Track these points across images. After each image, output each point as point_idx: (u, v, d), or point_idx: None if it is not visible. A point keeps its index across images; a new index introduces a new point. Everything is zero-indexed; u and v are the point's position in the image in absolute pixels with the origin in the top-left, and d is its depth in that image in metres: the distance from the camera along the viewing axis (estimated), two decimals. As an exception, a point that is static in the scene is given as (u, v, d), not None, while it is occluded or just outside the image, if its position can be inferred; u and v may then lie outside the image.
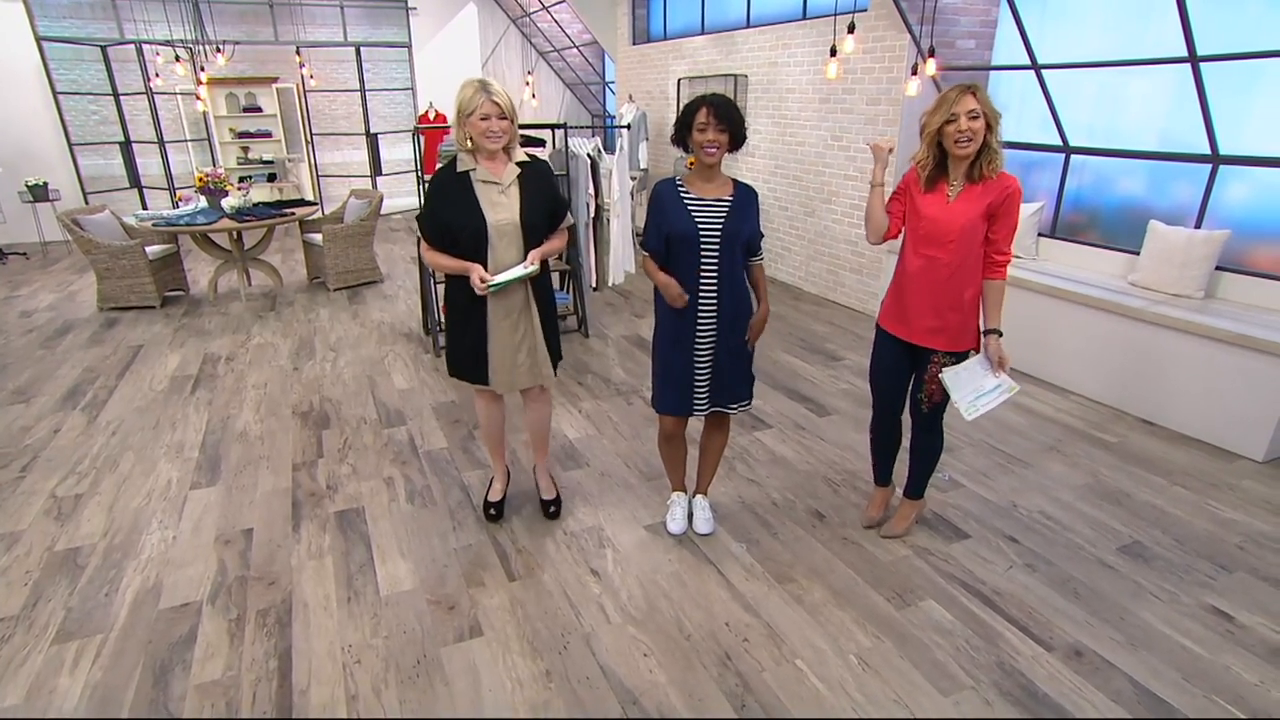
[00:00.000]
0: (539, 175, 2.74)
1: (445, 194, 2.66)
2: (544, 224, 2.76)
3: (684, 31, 8.00)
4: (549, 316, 2.90)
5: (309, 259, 6.97)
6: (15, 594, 2.70)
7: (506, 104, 2.56)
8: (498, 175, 2.67)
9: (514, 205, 2.66)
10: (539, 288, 2.84)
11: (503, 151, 2.66)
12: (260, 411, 4.20)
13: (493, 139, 2.58)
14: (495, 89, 2.56)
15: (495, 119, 2.55)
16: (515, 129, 2.63)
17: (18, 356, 5.18)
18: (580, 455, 3.70)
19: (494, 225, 2.66)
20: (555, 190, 2.82)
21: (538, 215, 2.71)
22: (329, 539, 3.01)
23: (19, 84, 8.77)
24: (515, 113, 2.61)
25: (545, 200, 2.74)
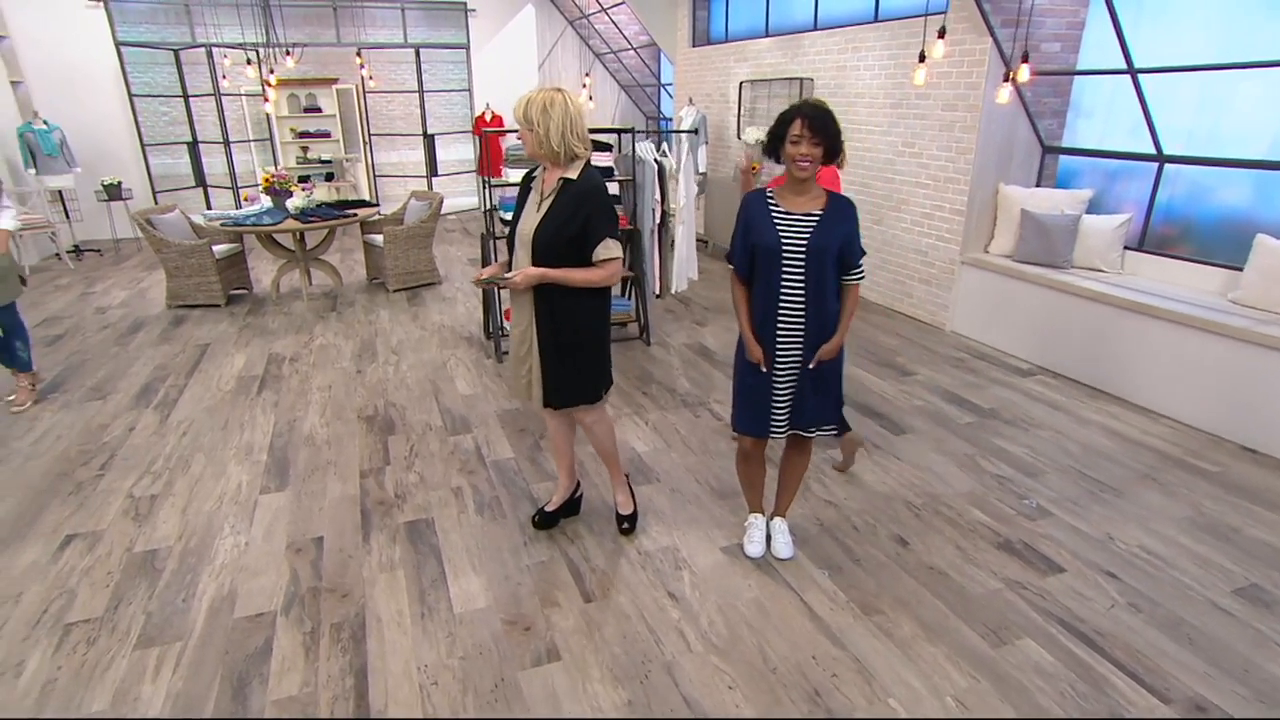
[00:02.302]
0: (575, 196, 2.53)
1: (519, 195, 2.75)
2: (560, 246, 2.54)
3: (747, 34, 7.86)
4: (554, 349, 2.69)
5: (369, 259, 7.01)
6: (99, 595, 2.72)
7: (519, 115, 2.51)
8: (545, 185, 2.64)
9: (540, 217, 2.58)
10: (549, 316, 2.65)
11: (556, 163, 2.57)
12: (326, 415, 4.20)
13: (527, 149, 2.58)
14: (520, 101, 2.51)
15: (522, 130, 2.56)
16: (539, 139, 2.49)
17: (94, 353, 5.29)
18: (649, 470, 3.61)
19: (520, 232, 2.67)
20: (590, 216, 2.53)
21: (551, 233, 2.54)
22: (400, 551, 2.97)
23: (98, 88, 9.04)
24: (534, 123, 2.47)
25: (569, 222, 2.52)
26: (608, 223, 2.56)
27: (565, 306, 2.65)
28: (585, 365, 2.76)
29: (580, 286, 2.60)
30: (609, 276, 2.61)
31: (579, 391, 2.80)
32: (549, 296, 2.64)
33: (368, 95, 10.27)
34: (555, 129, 2.46)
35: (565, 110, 2.46)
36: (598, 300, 2.70)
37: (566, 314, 2.67)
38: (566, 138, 2.47)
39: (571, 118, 2.47)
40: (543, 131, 2.47)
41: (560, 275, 2.57)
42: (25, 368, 4.39)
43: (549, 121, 2.45)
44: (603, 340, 2.80)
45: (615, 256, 2.58)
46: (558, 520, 3.14)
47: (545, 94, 2.48)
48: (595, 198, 2.55)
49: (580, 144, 2.52)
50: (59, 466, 3.67)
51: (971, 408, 4.34)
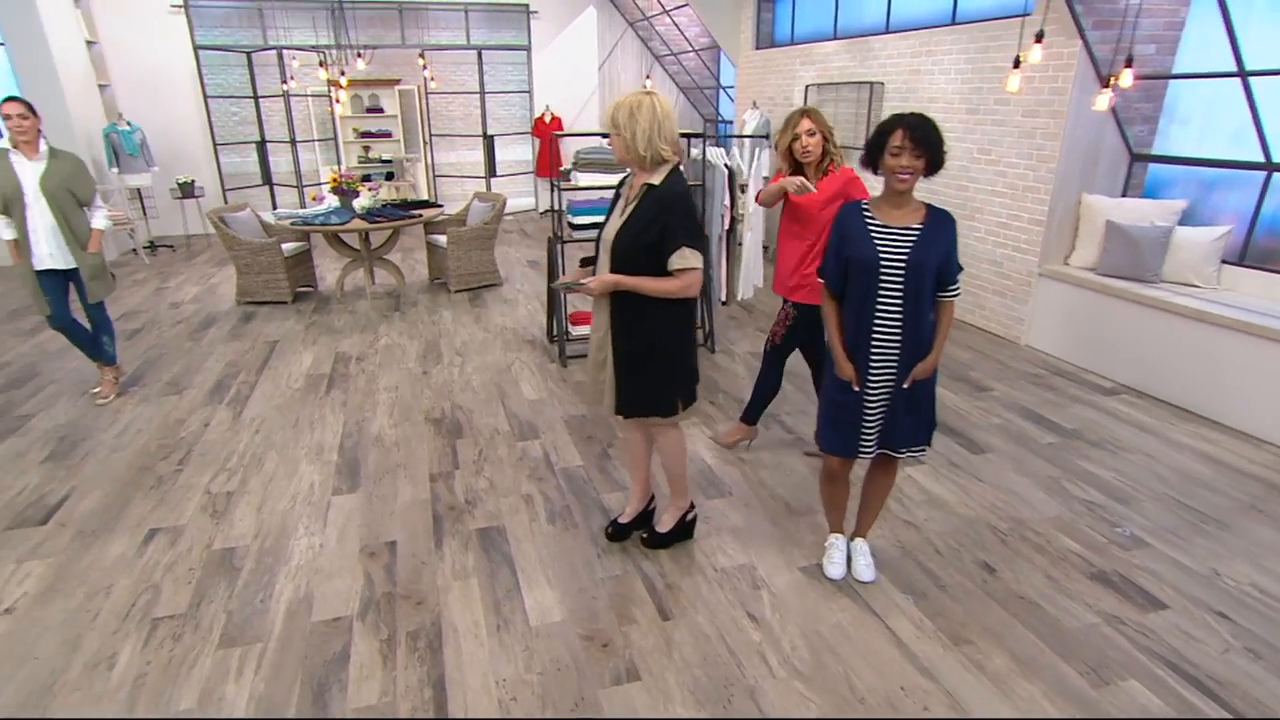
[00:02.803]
0: (656, 202, 2.47)
1: (612, 198, 2.74)
2: (638, 253, 2.49)
3: (813, 36, 7.72)
4: (628, 357, 2.65)
5: (431, 260, 7.07)
6: (181, 591, 2.75)
7: (608, 120, 2.50)
8: (631, 190, 2.61)
9: (621, 222, 2.55)
10: (624, 324, 2.61)
11: (643, 167, 2.52)
12: (394, 416, 4.22)
13: (615, 154, 2.56)
14: (609, 106, 2.51)
15: (611, 135, 2.51)
16: (626, 144, 2.45)
17: (170, 348, 5.43)
18: (720, 483, 3.54)
19: (603, 237, 2.66)
20: (668, 224, 2.45)
21: (629, 240, 2.50)
22: (472, 559, 2.95)
23: (176, 90, 9.34)
24: (621, 127, 2.44)
25: (647, 229, 2.47)
26: (687, 231, 2.47)
27: (641, 315, 2.60)
28: (659, 376, 2.69)
29: (655, 295, 2.54)
30: (684, 287, 2.51)
31: (651, 403, 2.74)
32: (625, 304, 2.60)
33: (429, 96, 10.40)
34: (642, 133, 2.41)
35: (653, 113, 2.41)
36: (676, 311, 2.62)
37: (642, 323, 2.61)
38: (654, 141, 2.42)
39: (659, 121, 2.42)
40: (629, 135, 2.42)
41: (634, 283, 2.51)
42: (110, 361, 4.52)
43: (636, 125, 2.41)
44: (680, 353, 2.71)
45: (692, 267, 2.48)
46: (630, 533, 3.09)
47: (634, 97, 2.45)
48: (676, 205, 2.47)
49: (668, 148, 2.46)
50: (140, 460, 3.75)
51: (1052, 427, 4.15)
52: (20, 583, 2.82)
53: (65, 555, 2.98)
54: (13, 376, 4.89)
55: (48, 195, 3.97)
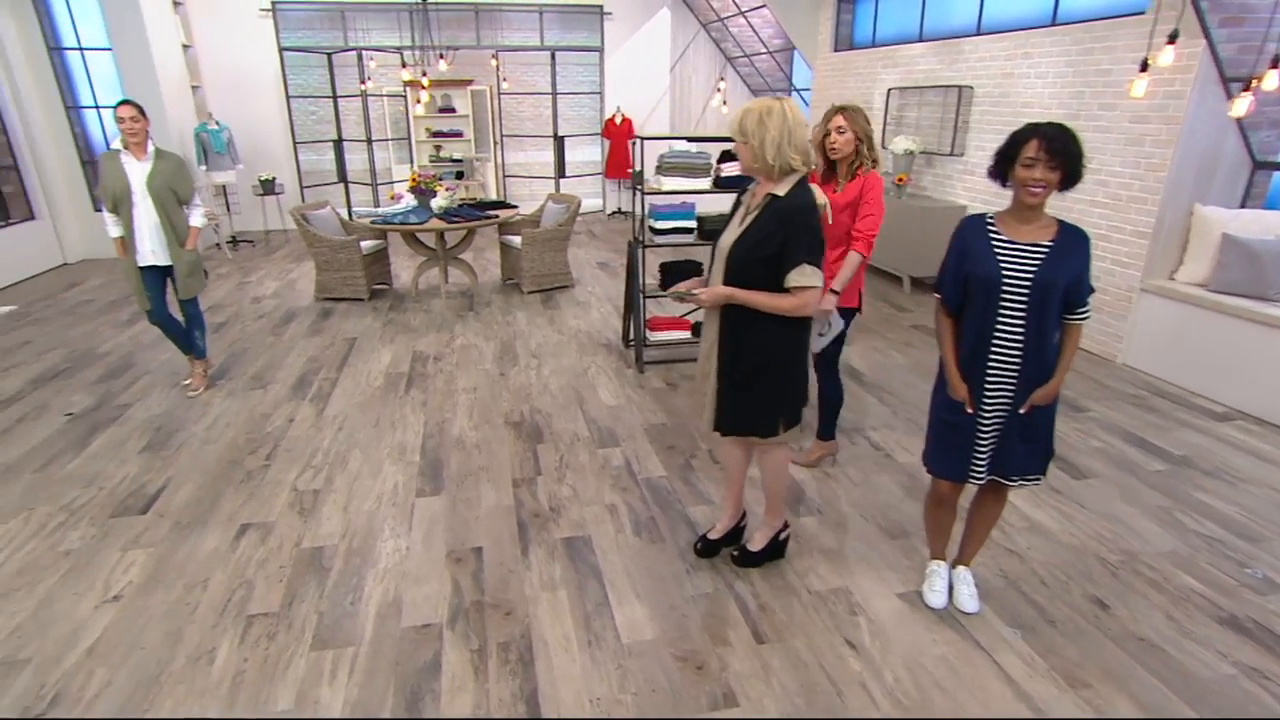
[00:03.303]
0: (777, 214, 2.37)
1: (732, 205, 2.67)
2: (754, 266, 2.40)
3: (896, 38, 7.50)
4: (732, 373, 2.56)
5: (505, 260, 7.10)
6: (274, 589, 2.77)
7: (735, 128, 2.42)
8: (754, 199, 2.51)
9: (739, 232, 2.46)
10: (732, 339, 2.52)
11: (770, 177, 2.42)
12: (474, 418, 4.22)
13: (741, 163, 2.48)
14: (737, 112, 2.42)
15: (737, 143, 2.43)
16: (753, 152, 2.36)
17: (253, 342, 5.56)
18: (810, 501, 3.42)
19: (719, 245, 2.58)
20: (789, 238, 2.34)
21: (746, 251, 2.42)
22: (560, 569, 2.90)
23: (260, 90, 9.62)
24: (749, 135, 2.36)
25: (765, 241, 2.37)
26: (808, 248, 2.35)
27: (751, 331, 2.50)
28: (764, 396, 2.58)
29: (768, 312, 2.44)
30: (800, 306, 2.39)
31: (752, 422, 2.64)
32: (735, 318, 2.51)
33: (501, 96, 10.48)
34: (771, 141, 2.32)
35: (784, 120, 2.32)
36: (790, 330, 2.50)
37: (751, 339, 2.52)
38: (783, 150, 2.33)
39: (790, 128, 2.32)
40: (757, 143, 2.34)
41: (746, 297, 2.42)
42: (201, 355, 4.63)
43: (765, 133, 2.32)
44: (789, 373, 2.59)
45: (810, 285, 2.36)
46: (720, 549, 3.00)
47: (763, 103, 2.36)
48: (799, 218, 2.36)
49: (798, 157, 2.36)
50: (230, 454, 3.83)
51: (1159, 453, 3.91)
52: (125, 571, 2.88)
53: (164, 546, 3.05)
54: (112, 366, 5.07)
55: (153, 194, 4.09)
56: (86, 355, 5.31)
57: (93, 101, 8.43)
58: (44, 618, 2.64)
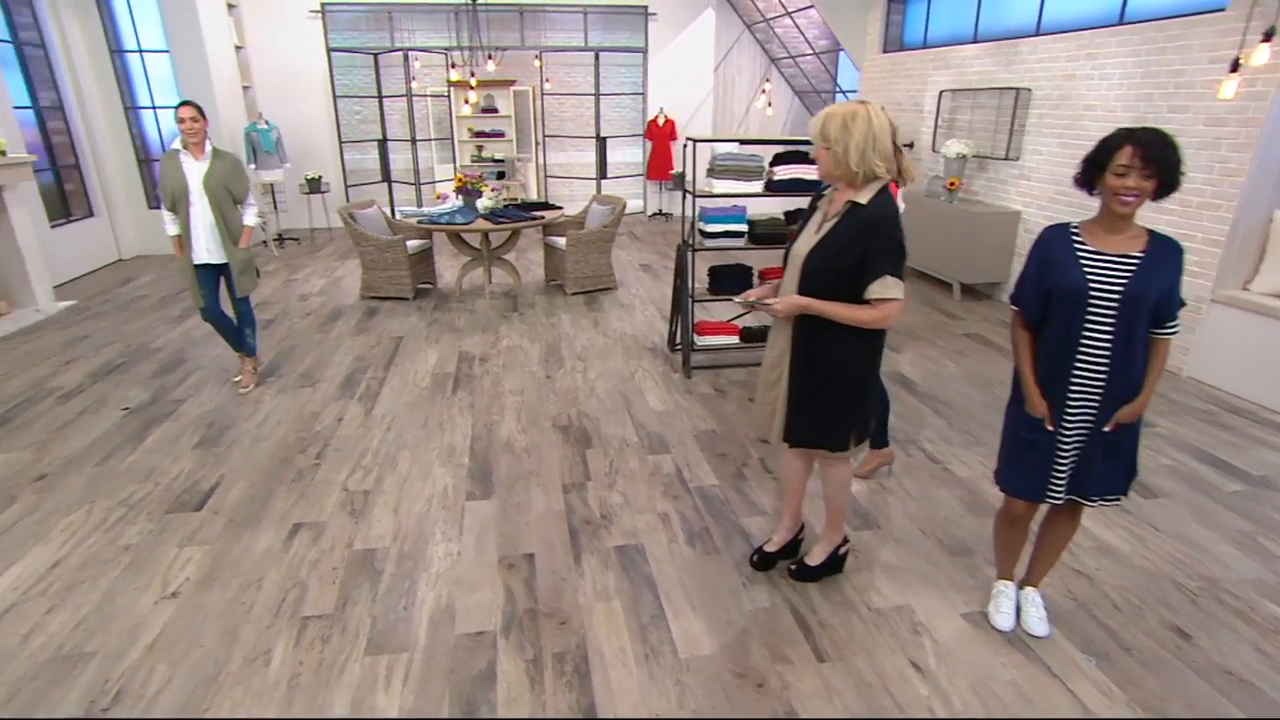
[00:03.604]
0: (859, 224, 2.28)
1: (806, 211, 2.57)
2: (831, 276, 2.33)
3: (949, 39, 7.33)
4: (804, 385, 2.49)
5: (548, 261, 7.09)
6: (327, 591, 2.77)
7: (816, 132, 2.33)
8: (832, 206, 2.42)
9: (816, 240, 2.38)
10: (805, 350, 2.46)
11: (852, 184, 2.34)
12: (521, 421, 4.19)
13: (820, 169, 2.38)
14: (818, 117, 2.33)
15: (818, 149, 2.34)
16: (836, 158, 2.28)
17: (301, 339, 5.61)
18: (867, 514, 3.32)
19: (793, 253, 2.50)
20: (871, 250, 2.26)
21: (823, 261, 2.34)
22: (613, 579, 2.85)
23: (308, 90, 9.77)
24: (832, 140, 2.27)
25: (845, 252, 2.29)
26: (891, 258, 2.27)
27: (825, 342, 2.43)
28: (836, 409, 2.51)
29: (845, 324, 2.36)
30: (881, 318, 2.31)
31: (823, 435, 2.56)
32: (809, 328, 2.44)
33: (544, 98, 10.50)
34: (855, 147, 2.24)
35: (868, 125, 2.24)
36: (865, 342, 2.42)
37: (825, 351, 2.44)
38: (867, 156, 2.25)
39: (875, 134, 2.24)
40: (841, 150, 2.26)
41: (824, 308, 2.35)
42: (251, 352, 4.68)
43: (849, 138, 2.24)
44: (863, 386, 2.51)
45: (894, 298, 2.28)
46: (776, 562, 2.92)
47: (847, 108, 2.27)
48: (881, 228, 2.27)
49: (882, 163, 2.28)
50: (280, 452, 3.85)
51: (1235, 472, 3.73)
52: (182, 567, 2.90)
53: (219, 543, 3.06)
54: (165, 362, 5.15)
55: (209, 193, 4.14)
56: (141, 350, 5.40)
57: (150, 102, 8.62)
58: (107, 611, 2.66)
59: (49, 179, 7.56)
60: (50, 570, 2.90)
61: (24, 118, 7.11)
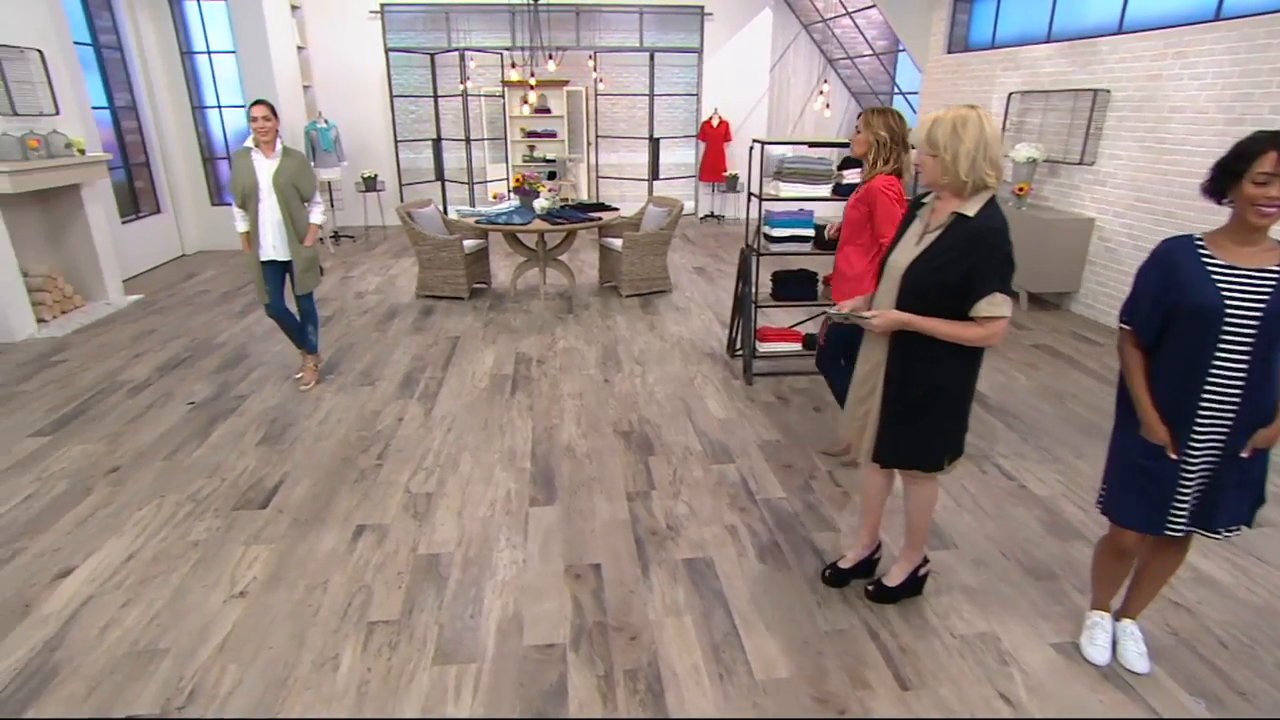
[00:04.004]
0: (965, 237, 2.16)
1: (903, 219, 2.46)
2: (931, 291, 2.22)
3: (1019, 39, 7.09)
4: (898, 403, 2.39)
5: (603, 263, 7.05)
6: (393, 595, 2.74)
7: (922, 138, 2.22)
8: (935, 216, 2.30)
9: (918, 252, 2.27)
10: (901, 367, 2.35)
11: (959, 194, 2.21)
12: (581, 425, 4.14)
13: (924, 177, 2.27)
14: (924, 122, 2.22)
15: (923, 155, 2.24)
16: (944, 166, 2.16)
17: (359, 337, 5.65)
18: (943, 532, 3.18)
19: (890, 263, 2.38)
20: (978, 266, 2.14)
21: (923, 274, 2.23)
22: (683, 593, 2.77)
23: (367, 89, 9.91)
24: (940, 147, 2.15)
25: (949, 267, 2.18)
26: (1000, 274, 2.15)
27: (923, 360, 2.31)
28: (931, 429, 2.40)
29: (947, 341, 2.24)
30: (987, 337, 2.20)
31: (916, 455, 2.46)
32: (906, 345, 2.33)
33: (597, 98, 10.48)
34: (966, 154, 2.11)
35: (980, 132, 2.11)
36: (964, 362, 2.30)
37: (923, 369, 2.33)
38: (978, 165, 2.12)
39: (986, 140, 2.11)
40: (950, 157, 2.13)
41: (926, 325, 2.23)
42: (313, 350, 4.72)
43: (959, 145, 2.11)
44: (960, 406, 2.41)
45: (1002, 315, 2.16)
46: (850, 579, 2.81)
47: (957, 113, 2.14)
48: (990, 241, 2.15)
49: (993, 172, 2.15)
50: (342, 450, 3.85)
51: (1340, 499, 3.49)
52: (249, 566, 2.91)
53: (284, 543, 3.06)
54: (228, 357, 5.23)
55: (278, 191, 4.18)
56: (205, 345, 5.50)
57: (215, 102, 8.81)
58: (179, 608, 2.67)
59: (121, 177, 7.78)
60: (124, 563, 2.93)
61: (100, 117, 7.33)
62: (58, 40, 6.04)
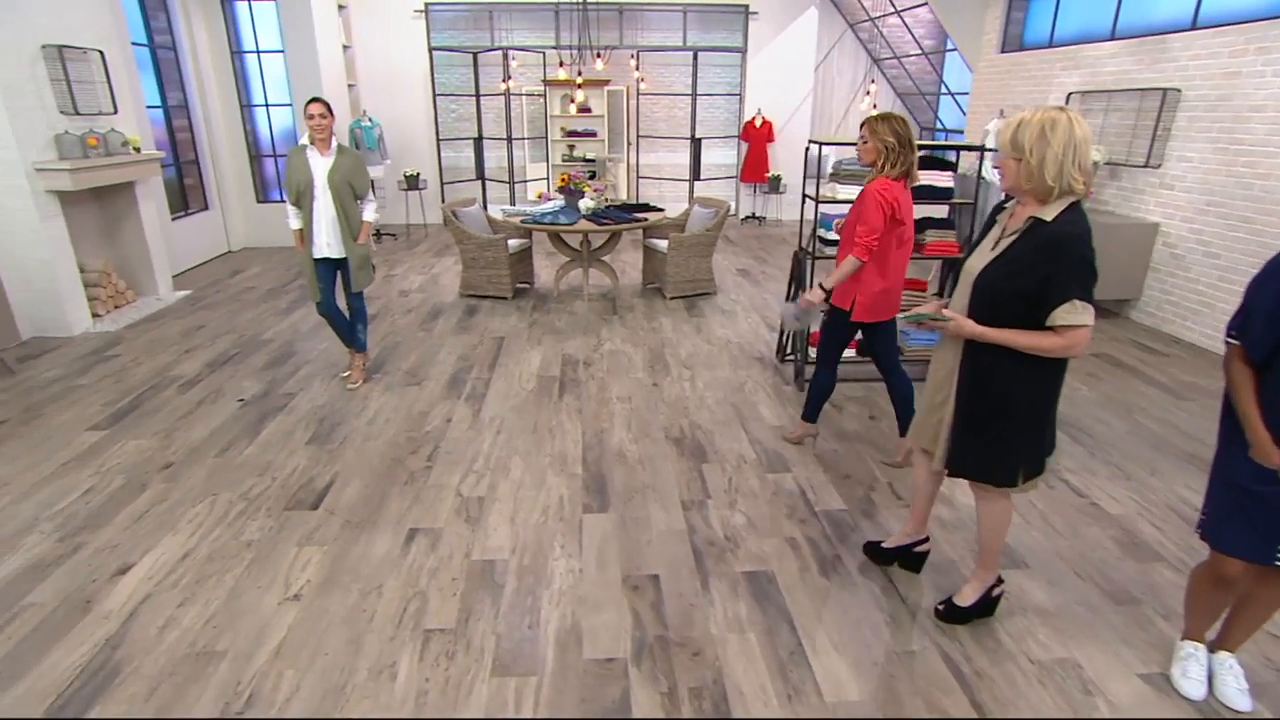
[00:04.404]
0: (1042, 243, 2.07)
1: (984, 224, 2.39)
2: (1005, 298, 2.13)
3: (1079, 36, 6.86)
4: (969, 413, 2.31)
5: (647, 264, 6.97)
6: (448, 603, 2.69)
7: (1005, 142, 2.11)
8: (1012, 221, 2.21)
9: (991, 257, 2.20)
10: (974, 376, 2.27)
11: (1043, 199, 2.11)
12: (632, 430, 4.07)
13: (1005, 181, 2.18)
14: (1009, 125, 2.11)
15: (1006, 159, 2.13)
16: (1029, 170, 2.06)
17: (404, 336, 5.65)
18: (1013, 552, 3.05)
19: (966, 267, 2.31)
20: (1055, 273, 2.04)
21: (997, 280, 2.15)
22: (745, 608, 2.68)
23: (410, 88, 9.96)
24: (1025, 151, 2.05)
25: (1024, 274, 2.09)
26: (1081, 281, 2.05)
27: (997, 369, 2.23)
28: (1004, 442, 2.30)
29: (1024, 352, 2.14)
30: (1067, 347, 2.10)
31: (988, 468, 2.36)
32: (979, 352, 2.25)
33: (639, 97, 10.41)
34: (1053, 158, 2.02)
35: (1069, 135, 2.00)
36: (1043, 373, 2.20)
37: (997, 377, 2.24)
38: (1066, 169, 2.02)
39: (1076, 144, 2.01)
40: (1035, 161, 2.04)
41: (1001, 338, 2.15)
42: (361, 349, 4.71)
43: (1046, 149, 2.02)
44: (1037, 421, 2.29)
45: (1082, 324, 2.06)
46: (887, 561, 2.88)
47: (1044, 115, 2.04)
48: (1069, 248, 2.04)
49: (1080, 177, 2.04)
50: (392, 451, 3.83)
51: None
52: (303, 568, 2.88)
53: (337, 545, 3.03)
54: (275, 354, 5.25)
55: (333, 188, 4.17)
56: (253, 342, 5.53)
57: (263, 100, 8.91)
58: (234, 609, 2.65)
59: (171, 174, 7.89)
60: (180, 561, 2.92)
61: (153, 116, 7.44)
62: (118, 41, 6.14)
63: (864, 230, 3.21)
